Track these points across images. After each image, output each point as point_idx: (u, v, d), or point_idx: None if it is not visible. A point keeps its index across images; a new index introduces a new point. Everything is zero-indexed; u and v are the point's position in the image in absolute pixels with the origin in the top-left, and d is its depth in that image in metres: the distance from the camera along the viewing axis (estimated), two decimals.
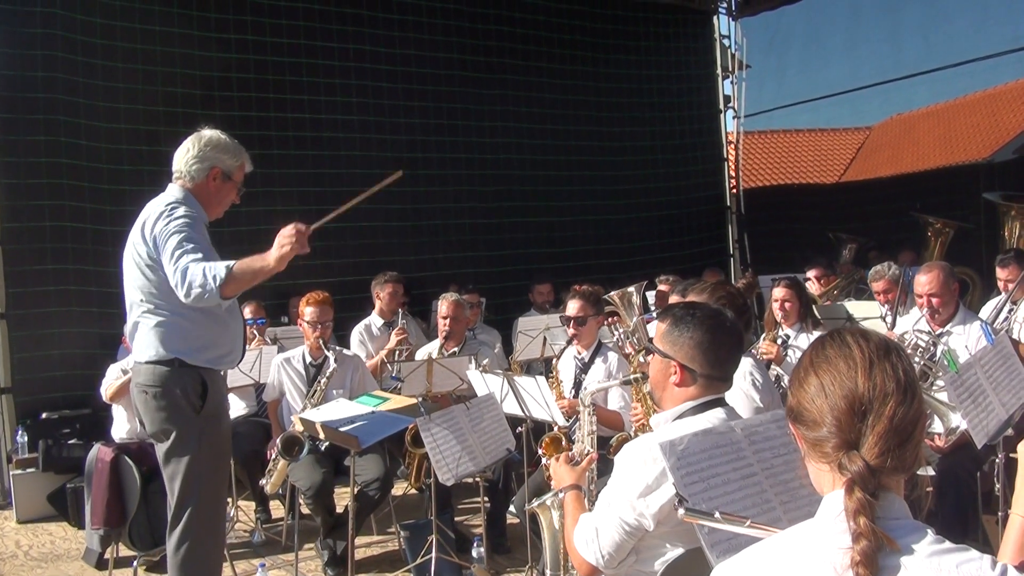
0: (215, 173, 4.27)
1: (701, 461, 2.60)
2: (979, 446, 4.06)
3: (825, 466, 1.73)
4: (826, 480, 1.75)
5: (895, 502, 1.67)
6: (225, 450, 4.41)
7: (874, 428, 1.66)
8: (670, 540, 2.79)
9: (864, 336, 1.78)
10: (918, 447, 1.72)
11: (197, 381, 4.14)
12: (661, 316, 3.04)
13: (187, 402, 4.11)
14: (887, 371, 1.70)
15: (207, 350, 4.18)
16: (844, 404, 1.69)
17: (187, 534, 4.17)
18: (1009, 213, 9.08)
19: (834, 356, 1.76)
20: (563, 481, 3.19)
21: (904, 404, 1.67)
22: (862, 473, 1.63)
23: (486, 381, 5.49)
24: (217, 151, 4.27)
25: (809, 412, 1.75)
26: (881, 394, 1.67)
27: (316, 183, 9.58)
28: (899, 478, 1.70)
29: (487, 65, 10.92)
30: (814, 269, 8.37)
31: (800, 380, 1.81)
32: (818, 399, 1.73)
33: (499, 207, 10.97)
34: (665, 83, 12.61)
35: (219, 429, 4.26)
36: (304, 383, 6.43)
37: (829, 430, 1.70)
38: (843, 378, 1.71)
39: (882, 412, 1.66)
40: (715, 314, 3.00)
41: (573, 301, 5.72)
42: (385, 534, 6.59)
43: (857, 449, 1.67)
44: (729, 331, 2.96)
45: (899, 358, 1.73)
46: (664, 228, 12.30)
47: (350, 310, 8.46)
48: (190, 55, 9.02)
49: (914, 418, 1.69)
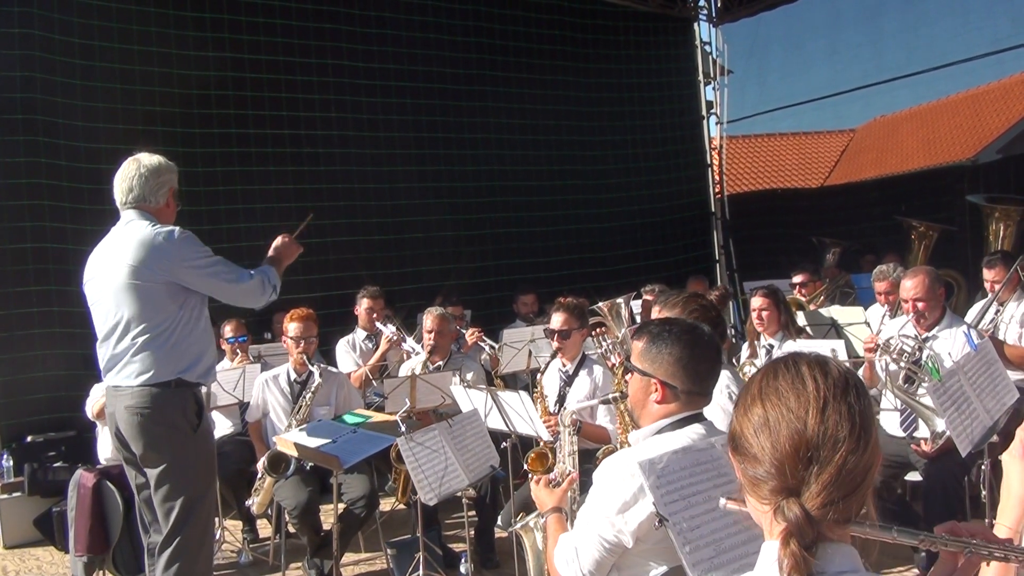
0: (172, 192, 4.42)
1: (681, 479, 2.57)
2: (964, 454, 4.04)
3: (765, 507, 1.58)
4: (765, 522, 1.60)
5: (839, 553, 1.54)
6: (214, 467, 4.45)
7: (819, 476, 1.51)
8: (652, 558, 2.77)
9: (823, 368, 1.62)
10: (865, 496, 1.57)
11: (192, 400, 4.22)
12: (637, 334, 3.02)
13: (185, 421, 4.14)
14: (842, 413, 1.54)
15: (200, 363, 4.27)
16: (789, 447, 1.53)
17: (181, 553, 4.19)
18: (993, 215, 9.09)
19: (785, 388, 1.59)
20: (544, 505, 3.17)
21: (856, 452, 1.52)
22: (799, 523, 1.49)
23: (470, 396, 5.45)
24: (169, 172, 4.42)
25: (750, 447, 1.60)
26: (832, 440, 1.52)
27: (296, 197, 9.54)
28: (845, 528, 1.56)
29: (467, 76, 10.89)
30: (800, 275, 8.37)
31: (745, 407, 1.64)
32: (761, 435, 1.57)
33: (482, 218, 10.93)
34: (647, 91, 12.61)
35: (209, 447, 4.33)
36: (289, 400, 6.39)
37: (768, 471, 1.55)
38: (792, 416, 1.55)
39: (831, 460, 1.51)
40: (692, 329, 2.98)
41: (557, 314, 5.70)
42: (373, 551, 6.54)
43: (798, 496, 1.52)
44: (707, 345, 2.94)
45: (857, 398, 1.57)
46: (649, 235, 12.28)
47: (334, 325, 8.42)
48: (167, 54, 8.95)
49: (866, 467, 1.54)
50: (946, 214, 10.25)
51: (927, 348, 5.43)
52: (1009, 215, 9.00)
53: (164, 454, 4.17)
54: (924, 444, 5.31)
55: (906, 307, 5.59)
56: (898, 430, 5.59)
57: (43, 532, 7.25)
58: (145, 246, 4.17)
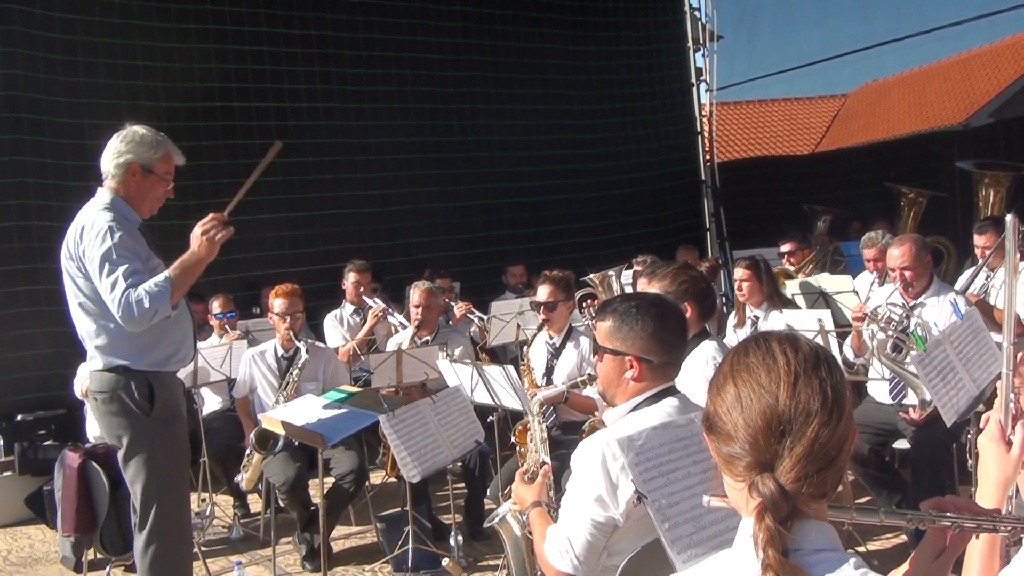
0: (133, 169, 4.18)
1: (660, 456, 2.55)
2: (948, 424, 4.03)
3: (740, 484, 1.58)
4: (741, 500, 1.59)
5: (815, 530, 1.54)
6: (183, 451, 4.35)
7: (792, 450, 1.51)
8: (640, 534, 2.75)
9: (793, 344, 1.62)
10: (841, 472, 1.57)
11: (144, 385, 4.11)
12: (600, 315, 2.99)
13: (136, 407, 4.07)
14: (813, 387, 1.54)
15: (150, 354, 4.14)
16: (761, 421, 1.53)
17: (153, 536, 4.17)
18: (983, 181, 9.04)
19: (756, 365, 1.59)
20: (525, 501, 3.14)
21: (829, 425, 1.52)
22: (774, 498, 1.48)
23: (456, 371, 5.44)
24: (133, 145, 4.19)
25: (724, 424, 1.60)
26: (804, 413, 1.52)
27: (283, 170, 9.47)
28: (820, 504, 1.56)
29: (454, 46, 10.78)
30: (788, 243, 8.34)
31: (718, 386, 1.65)
32: (734, 411, 1.58)
33: (470, 189, 10.87)
34: (636, 58, 12.50)
35: (173, 431, 4.22)
36: (276, 376, 6.38)
37: (743, 447, 1.55)
38: (763, 392, 1.55)
39: (803, 433, 1.51)
40: (658, 301, 2.98)
41: (543, 286, 5.67)
42: (364, 525, 6.54)
43: (772, 471, 1.52)
44: (675, 315, 2.95)
45: (829, 372, 1.58)
46: (639, 204, 12.23)
47: (323, 298, 8.41)
48: (151, 47, 8.87)
49: (839, 441, 1.54)
50: (936, 180, 10.21)
51: (915, 316, 5.41)
52: (999, 181, 8.96)
53: (121, 439, 4.14)
54: (912, 412, 5.32)
55: (893, 275, 5.57)
56: (887, 398, 5.59)
57: (34, 511, 7.24)
58: (74, 229, 4.09)
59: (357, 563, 5.93)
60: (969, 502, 1.89)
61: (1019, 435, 2.10)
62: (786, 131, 20.35)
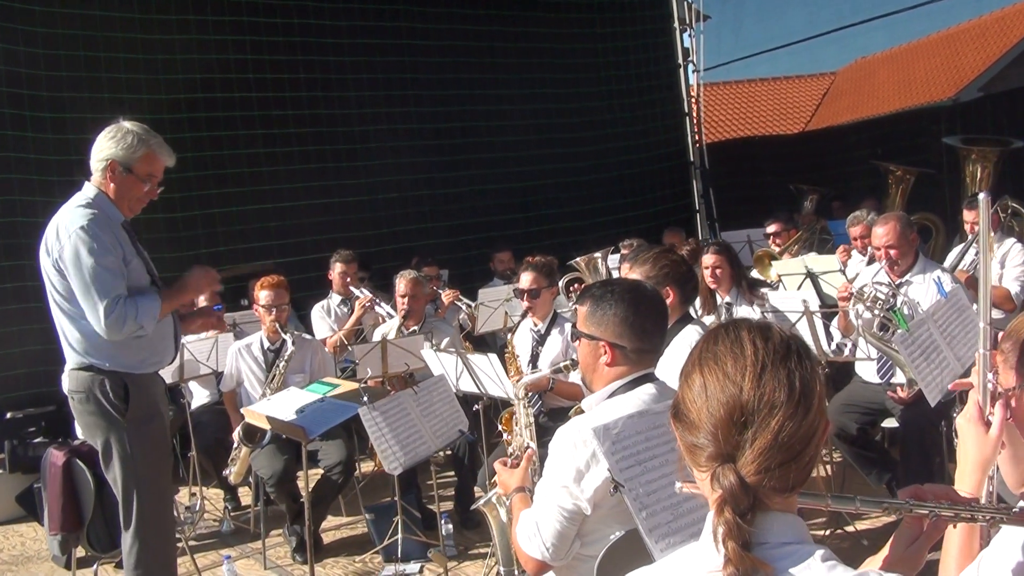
0: (112, 167, 4.12)
1: (637, 444, 2.53)
2: (932, 404, 4.02)
3: (704, 475, 1.55)
4: (706, 490, 1.56)
5: (781, 523, 1.50)
6: (162, 450, 4.33)
7: (755, 442, 1.47)
8: (612, 522, 2.74)
9: (764, 333, 1.57)
10: (809, 467, 1.53)
11: (119, 385, 4.08)
12: (579, 299, 2.98)
13: (111, 407, 4.04)
14: (780, 378, 1.50)
15: (123, 356, 4.10)
16: (724, 412, 1.50)
17: (137, 534, 4.16)
18: (970, 156, 9.00)
19: (723, 353, 1.56)
20: (508, 486, 3.12)
21: (794, 418, 1.48)
22: (733, 490, 1.45)
23: (441, 360, 5.41)
24: (115, 142, 4.12)
25: (689, 413, 1.56)
26: (768, 405, 1.47)
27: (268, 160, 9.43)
28: (787, 497, 1.52)
29: (438, 32, 10.72)
30: (773, 224, 8.30)
31: (686, 374, 1.61)
32: (699, 400, 1.54)
33: (457, 176, 10.83)
34: (623, 40, 12.44)
35: (151, 431, 4.19)
36: (262, 369, 6.35)
37: (706, 437, 1.52)
38: (727, 381, 1.51)
39: (766, 425, 1.47)
40: (634, 287, 2.95)
41: (525, 273, 5.63)
42: (354, 515, 6.53)
43: (733, 462, 1.48)
44: (651, 301, 2.92)
45: (799, 363, 1.53)
46: (627, 187, 12.19)
47: (310, 289, 8.39)
48: (132, 39, 8.80)
49: (806, 435, 1.50)
50: (924, 156, 10.18)
51: (901, 294, 5.39)
52: (986, 156, 8.92)
53: (98, 438, 4.13)
54: (900, 391, 5.31)
55: (878, 254, 5.55)
56: (875, 377, 5.58)
57: (25, 508, 7.20)
58: (52, 226, 4.05)
59: (347, 554, 5.91)
60: (948, 489, 1.86)
61: (998, 415, 2.08)
62: (775, 111, 20.30)
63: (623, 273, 4.30)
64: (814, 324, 5.31)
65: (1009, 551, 1.85)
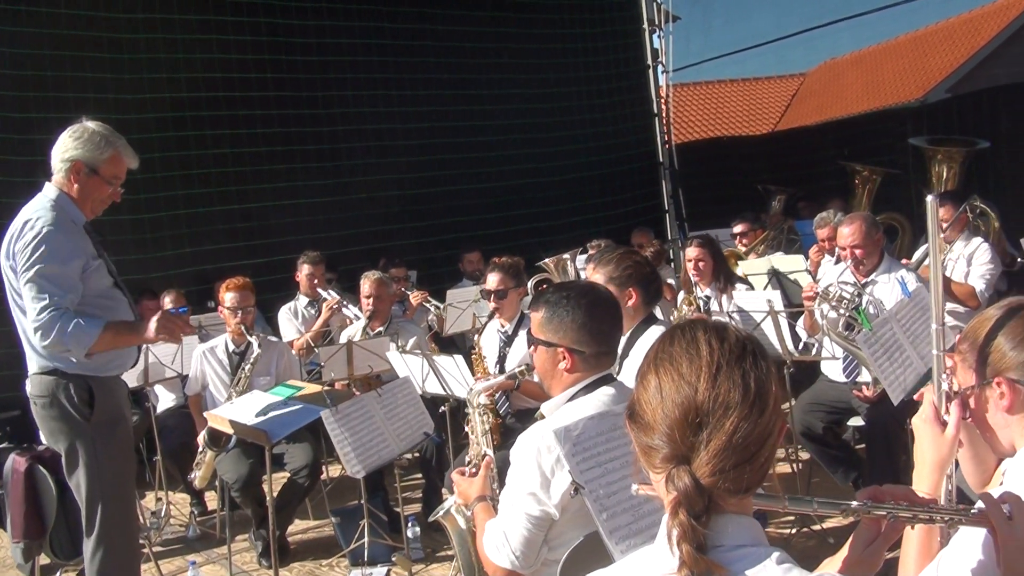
0: (78, 167, 4.04)
1: (597, 445, 2.53)
2: (895, 403, 4.04)
3: (659, 477, 1.54)
4: (661, 492, 1.55)
5: (735, 525, 1.50)
6: (127, 455, 4.27)
7: (709, 443, 1.47)
8: (576, 526, 2.72)
9: (720, 334, 1.57)
10: (764, 468, 1.52)
11: (83, 389, 4.02)
12: (533, 306, 2.97)
13: (75, 411, 3.98)
14: (735, 379, 1.49)
15: (88, 359, 4.01)
16: (678, 413, 1.49)
17: (100, 541, 4.10)
18: (936, 157, 9.07)
19: (678, 354, 1.55)
20: (468, 496, 3.10)
21: (749, 419, 1.47)
22: (688, 492, 1.44)
23: (406, 362, 5.38)
24: (81, 143, 4.05)
25: (644, 414, 1.56)
26: (723, 406, 1.48)
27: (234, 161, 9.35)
28: (742, 499, 1.51)
29: (407, 31, 10.67)
30: (739, 224, 8.33)
31: (642, 374, 1.61)
32: (654, 401, 1.54)
33: (425, 176, 10.76)
34: (592, 41, 12.44)
35: (115, 434, 4.13)
36: (228, 372, 6.27)
37: (661, 439, 1.51)
38: (682, 382, 1.51)
39: (721, 426, 1.47)
40: (589, 290, 2.95)
41: (492, 274, 5.60)
42: (321, 519, 6.48)
43: (688, 464, 1.48)
44: (607, 304, 2.92)
45: (754, 364, 1.52)
46: (597, 187, 12.17)
47: (278, 290, 8.32)
48: (99, 38, 8.69)
49: (761, 436, 1.49)
50: (890, 157, 10.25)
51: (866, 294, 5.42)
52: (952, 156, 9.00)
53: (61, 443, 4.07)
54: (866, 390, 5.35)
55: (844, 254, 5.58)
56: (840, 376, 5.61)
57: None
58: (12, 228, 3.98)
59: (314, 558, 5.87)
60: (907, 490, 1.86)
61: (954, 415, 2.08)
62: (744, 112, 20.40)
63: (588, 274, 4.29)
64: (779, 324, 5.33)
65: (969, 551, 1.84)
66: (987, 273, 6.28)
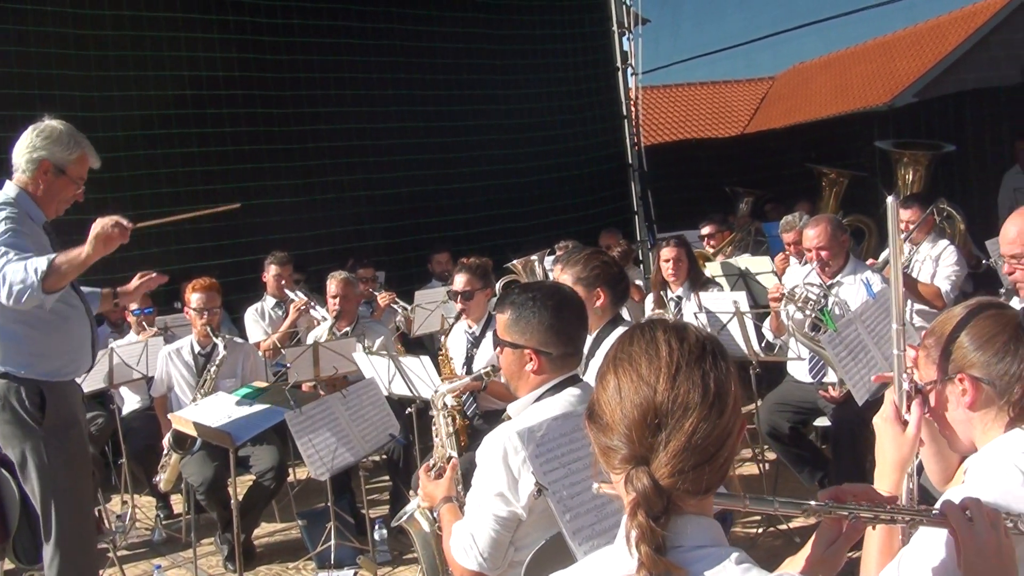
0: (45, 167, 4.01)
1: (561, 446, 2.52)
2: (860, 403, 4.06)
3: (618, 478, 1.53)
4: (622, 493, 1.54)
5: (694, 526, 1.49)
6: (81, 460, 4.20)
7: (668, 444, 1.46)
8: (542, 527, 2.71)
9: (679, 334, 1.56)
10: (724, 468, 1.51)
11: (35, 393, 3.97)
12: (499, 307, 2.96)
13: (27, 415, 3.92)
14: (694, 379, 1.49)
15: (40, 363, 3.99)
16: (637, 414, 1.48)
17: (57, 547, 4.07)
18: (902, 160, 9.16)
19: (637, 354, 1.54)
20: (434, 497, 3.08)
21: (708, 420, 1.47)
22: (647, 493, 1.43)
23: (372, 363, 5.35)
24: (48, 142, 4.00)
25: (603, 415, 1.55)
26: (682, 406, 1.47)
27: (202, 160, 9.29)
28: (702, 500, 1.51)
29: (375, 31, 10.61)
30: (707, 226, 8.37)
31: (601, 375, 1.60)
32: (613, 402, 1.53)
33: (394, 177, 10.69)
34: (562, 42, 12.44)
35: (68, 439, 4.07)
36: (193, 374, 6.22)
37: (620, 439, 1.50)
38: (641, 383, 1.50)
39: (680, 427, 1.46)
40: (555, 292, 2.95)
41: (459, 275, 5.58)
42: (288, 522, 6.43)
43: (647, 465, 1.47)
44: (572, 305, 2.92)
45: (714, 364, 1.52)
46: (567, 189, 12.16)
47: (246, 291, 8.25)
48: (63, 13, 8.56)
49: (720, 436, 1.48)
50: (858, 160, 10.34)
51: (832, 295, 5.46)
52: (918, 159, 9.09)
53: (13, 448, 4.01)
54: (832, 390, 5.38)
55: (809, 256, 5.62)
56: (807, 377, 5.64)
57: None
58: None
59: (280, 560, 5.83)
60: (868, 489, 1.87)
61: (914, 414, 2.10)
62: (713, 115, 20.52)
63: (555, 275, 4.29)
64: (745, 325, 5.35)
65: (930, 550, 1.85)
66: (953, 275, 6.34)
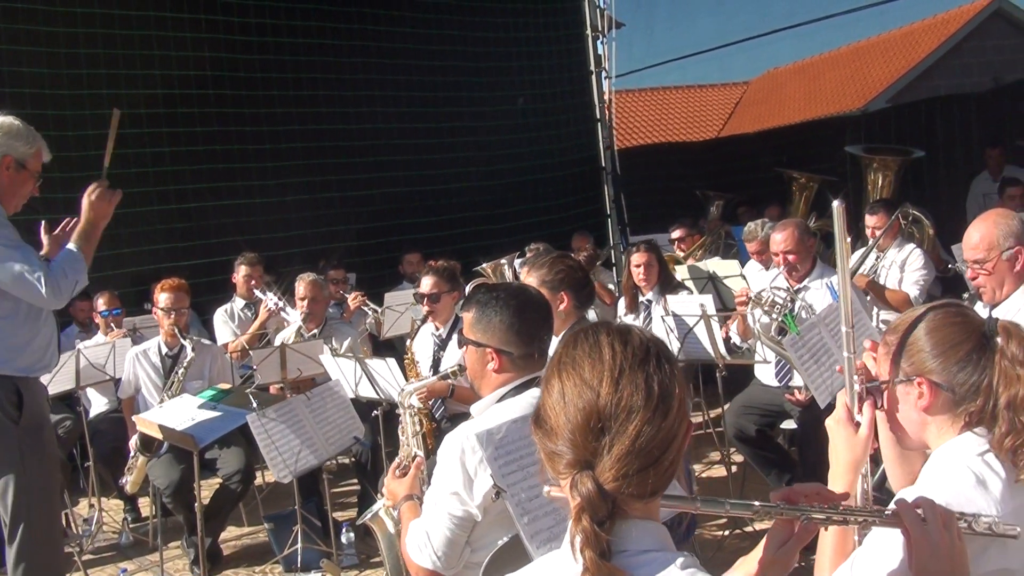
0: (7, 162, 3.98)
1: (520, 449, 2.52)
2: (822, 405, 4.09)
3: (563, 482, 1.52)
4: (568, 497, 1.53)
5: (640, 529, 1.49)
6: (53, 460, 4.17)
7: (612, 448, 1.45)
8: (498, 528, 2.71)
9: (623, 337, 1.56)
10: (669, 471, 1.51)
11: (11, 391, 3.92)
12: (465, 306, 2.98)
13: (4, 413, 3.88)
14: (638, 383, 1.48)
15: (18, 358, 3.95)
16: (580, 418, 1.47)
17: (23, 550, 3.99)
18: (871, 165, 9.22)
19: (581, 358, 1.53)
20: (397, 495, 3.08)
21: (652, 423, 1.46)
22: (591, 498, 1.43)
23: (339, 365, 5.33)
24: (8, 138, 3.98)
25: (548, 419, 1.54)
26: (625, 410, 1.46)
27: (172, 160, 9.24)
28: (647, 503, 1.51)
29: (348, 31, 10.57)
30: (677, 229, 8.39)
31: (546, 380, 1.59)
32: (557, 406, 1.52)
33: (367, 178, 10.67)
34: (536, 45, 12.45)
35: (42, 439, 4.04)
36: (160, 375, 6.17)
37: (564, 444, 1.49)
38: (584, 386, 1.49)
39: (624, 430, 1.45)
40: (519, 292, 2.97)
41: (426, 277, 5.56)
42: (256, 525, 6.40)
43: (592, 469, 1.46)
44: (536, 306, 2.93)
45: (658, 367, 1.51)
46: (539, 192, 12.17)
47: (216, 292, 8.20)
48: (33, 10, 8.51)
49: (664, 440, 1.48)
50: (830, 165, 10.41)
51: (799, 299, 5.49)
52: (887, 165, 9.15)
53: None
54: (798, 393, 5.41)
55: (777, 260, 5.64)
56: (773, 380, 5.67)
57: None
58: None
59: (247, 564, 5.80)
60: (820, 489, 1.87)
61: (866, 416, 2.11)
62: (687, 119, 20.60)
63: (523, 277, 4.30)
64: (711, 328, 5.37)
65: (883, 551, 1.85)
66: (920, 279, 6.40)
